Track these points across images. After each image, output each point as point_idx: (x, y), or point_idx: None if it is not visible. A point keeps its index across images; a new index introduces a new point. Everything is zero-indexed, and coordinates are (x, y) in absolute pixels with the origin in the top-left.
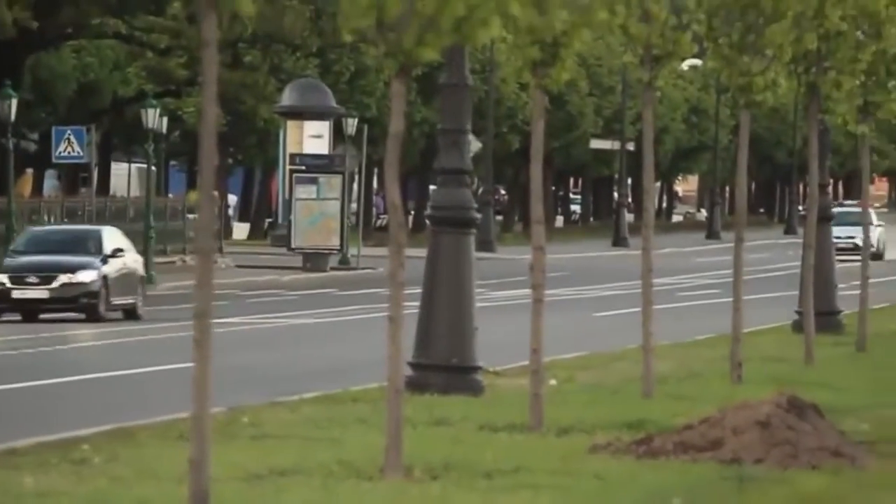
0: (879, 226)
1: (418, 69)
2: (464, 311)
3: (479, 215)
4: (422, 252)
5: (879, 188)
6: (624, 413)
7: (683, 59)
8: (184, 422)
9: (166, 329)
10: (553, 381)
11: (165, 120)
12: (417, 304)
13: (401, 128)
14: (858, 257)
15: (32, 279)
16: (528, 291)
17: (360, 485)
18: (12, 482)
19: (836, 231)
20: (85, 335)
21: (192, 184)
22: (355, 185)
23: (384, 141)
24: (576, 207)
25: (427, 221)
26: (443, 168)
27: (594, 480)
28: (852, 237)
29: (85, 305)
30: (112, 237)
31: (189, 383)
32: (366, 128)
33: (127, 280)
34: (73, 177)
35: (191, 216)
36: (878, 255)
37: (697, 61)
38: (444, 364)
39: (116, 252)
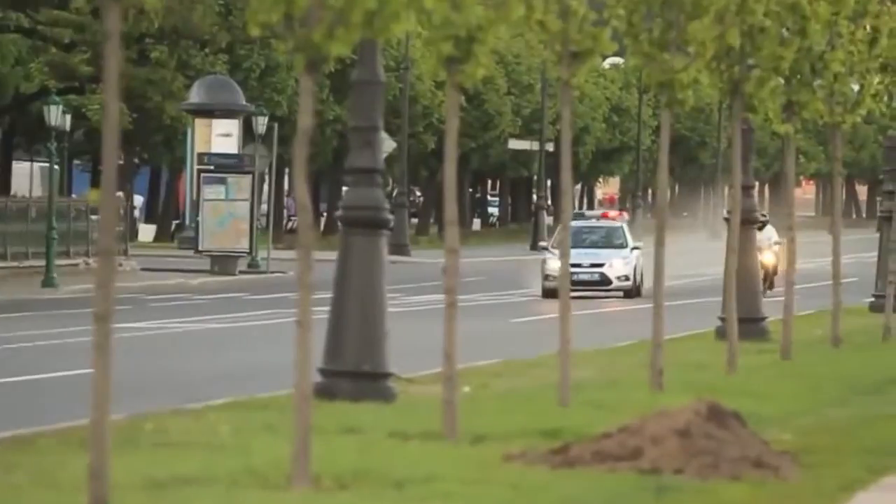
0: (636, 248)
1: (330, 65)
2: (375, 316)
3: (391, 217)
4: (333, 255)
5: (807, 191)
6: (540, 421)
7: (604, 57)
8: (84, 429)
9: (67, 334)
10: (467, 389)
11: (69, 117)
12: (328, 308)
13: (309, 124)
14: (607, 293)
15: None
16: (442, 296)
17: (267, 494)
18: None
19: (574, 256)
20: None
21: (96, 183)
22: (265, 186)
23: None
24: (493, 210)
25: (338, 223)
26: (354, 167)
27: (508, 490)
28: (599, 265)
29: None
30: None
31: (90, 389)
32: (276, 126)
33: None
34: None
35: (95, 217)
36: (630, 291)
37: (619, 59)
38: (354, 370)
39: None
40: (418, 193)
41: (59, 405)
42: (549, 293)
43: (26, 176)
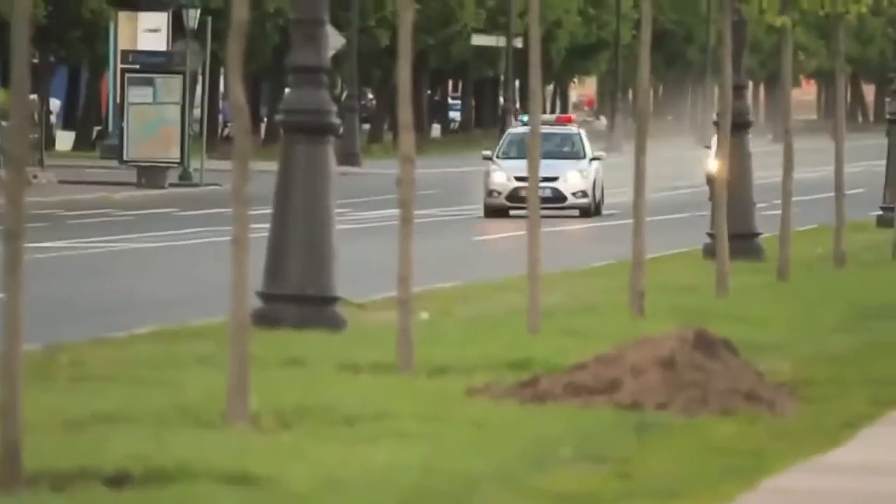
0: (595, 159)
1: None
2: (321, 234)
3: (338, 121)
4: (275, 166)
5: (807, 92)
6: (507, 351)
7: None
8: None
9: None
10: (425, 315)
11: None
12: (268, 225)
13: (245, 17)
14: (561, 211)
15: None
16: (396, 211)
17: (199, 433)
18: None
19: (522, 168)
20: None
21: (6, 84)
22: (198, 88)
23: None
24: (455, 114)
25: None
26: (296, 66)
27: (471, 428)
28: (551, 179)
29: None
30: None
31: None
32: (210, 20)
33: None
34: None
35: (5, 123)
36: (588, 209)
37: None
38: (298, 294)
39: None
40: (370, 96)
41: None
42: (493, 211)
43: None
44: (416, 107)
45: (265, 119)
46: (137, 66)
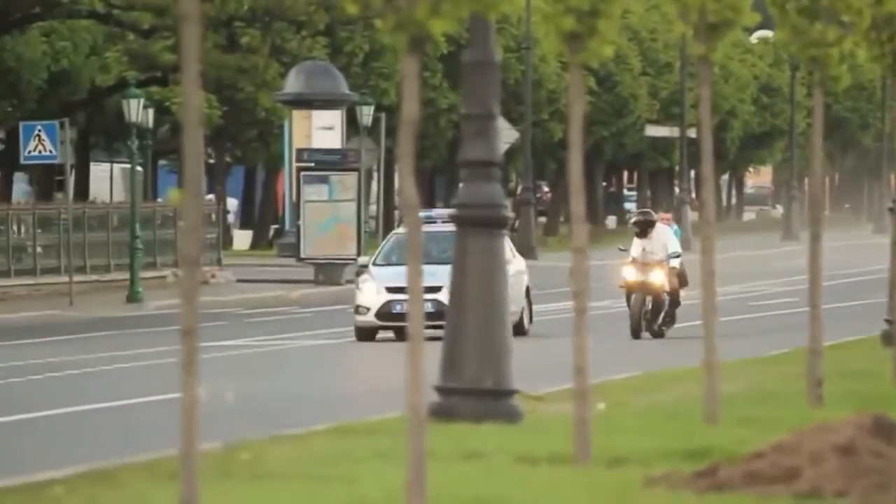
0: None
1: (441, 47)
2: (497, 327)
3: (512, 214)
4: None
5: None
6: (684, 441)
7: (749, 30)
8: (173, 459)
9: (155, 354)
10: (601, 406)
11: (151, 112)
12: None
13: (415, 113)
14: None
15: None
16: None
17: None
18: None
19: (398, 276)
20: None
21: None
22: (373, 184)
23: None
24: (631, 205)
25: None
26: (467, 160)
27: None
28: (433, 289)
29: None
30: None
31: (178, 414)
32: (384, 117)
33: None
34: (46, 180)
35: (181, 223)
36: (519, 328)
37: (768, 32)
38: (475, 388)
39: None
40: (545, 189)
41: (148, 433)
42: (363, 334)
43: (106, 179)
44: (591, 198)
45: None
46: (312, 164)
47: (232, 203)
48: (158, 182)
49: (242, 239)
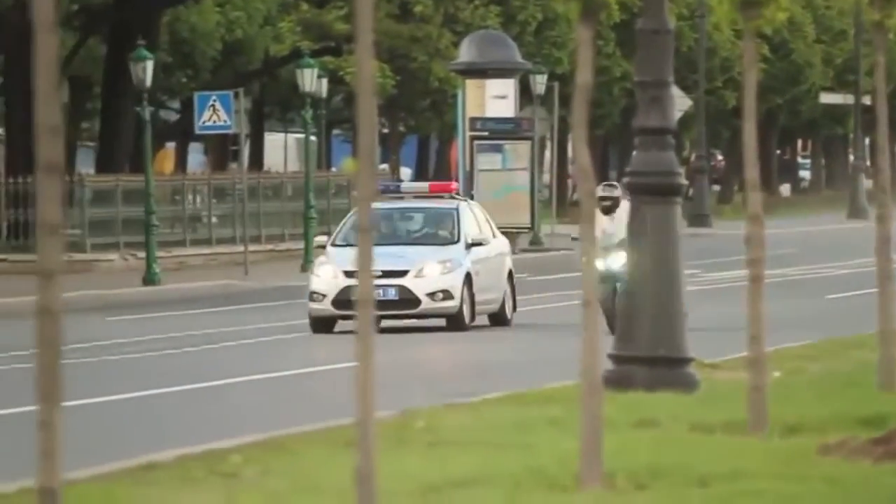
0: (476, 244)
1: (614, 15)
2: (671, 295)
3: (685, 182)
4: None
5: None
6: (860, 408)
7: None
8: (349, 428)
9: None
10: (777, 373)
11: (325, 82)
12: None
13: (589, 80)
14: (412, 319)
15: None
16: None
17: (553, 496)
18: (153, 500)
19: (345, 259)
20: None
21: (357, 154)
22: (547, 153)
23: None
24: (805, 173)
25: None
26: (641, 127)
27: (825, 486)
28: (397, 273)
29: None
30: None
31: (354, 383)
32: (557, 86)
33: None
34: (221, 151)
35: (355, 193)
36: (456, 317)
37: None
38: (649, 356)
39: None
40: (719, 157)
41: (324, 401)
42: (318, 324)
43: (280, 149)
44: (765, 166)
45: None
46: (486, 133)
47: (405, 172)
48: (332, 152)
49: None
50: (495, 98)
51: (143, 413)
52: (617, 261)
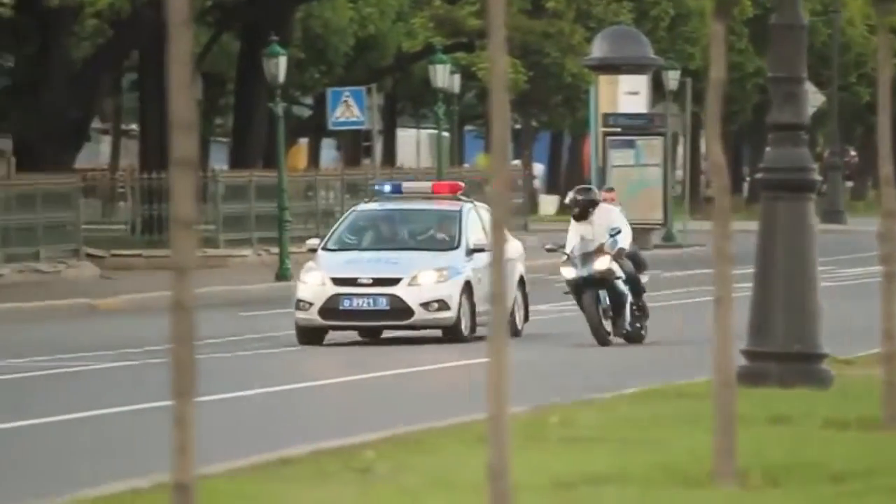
0: (479, 250)
1: (747, 10)
2: (805, 291)
3: (820, 178)
4: (755, 226)
5: None
6: None
7: None
8: (482, 423)
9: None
10: None
11: (457, 77)
12: (751, 284)
13: (722, 75)
14: (405, 331)
15: None
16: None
17: (687, 493)
18: (288, 495)
19: (349, 265)
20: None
21: (490, 150)
22: (679, 149)
23: None
24: None
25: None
26: (775, 123)
27: None
28: (388, 282)
29: None
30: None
31: (487, 379)
32: (690, 82)
33: None
34: (353, 146)
35: (487, 189)
36: (453, 329)
37: None
38: (783, 352)
39: None
40: (853, 153)
41: (455, 397)
42: (306, 336)
43: (412, 145)
44: None
45: (747, 179)
46: (619, 129)
47: (538, 168)
48: (465, 147)
49: (548, 204)
50: (628, 94)
51: (277, 408)
52: (601, 264)
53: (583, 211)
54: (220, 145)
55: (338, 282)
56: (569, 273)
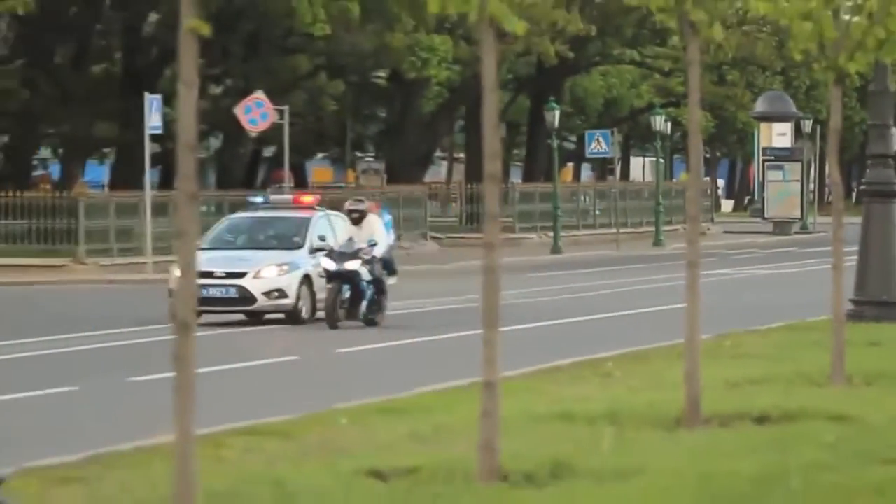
0: (320, 249)
1: (854, 81)
2: (891, 260)
3: None
4: (859, 219)
5: None
6: None
7: None
8: (680, 344)
9: (670, 279)
10: None
11: (669, 124)
12: (856, 257)
13: (839, 125)
14: (252, 315)
15: None
16: None
17: (812, 389)
18: (558, 390)
19: (208, 261)
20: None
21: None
22: (811, 171)
23: None
24: None
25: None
26: (872, 154)
27: None
28: (237, 275)
29: None
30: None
31: (685, 313)
32: (819, 127)
33: None
34: (602, 168)
35: (688, 194)
36: (293, 313)
37: None
38: (877, 300)
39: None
40: None
41: (660, 330)
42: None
43: (640, 167)
44: None
45: (854, 189)
46: (772, 157)
47: (720, 182)
48: (673, 168)
49: (727, 206)
50: (779, 135)
51: (549, 335)
52: (351, 265)
53: (356, 218)
54: (516, 168)
55: (199, 275)
56: (328, 265)
